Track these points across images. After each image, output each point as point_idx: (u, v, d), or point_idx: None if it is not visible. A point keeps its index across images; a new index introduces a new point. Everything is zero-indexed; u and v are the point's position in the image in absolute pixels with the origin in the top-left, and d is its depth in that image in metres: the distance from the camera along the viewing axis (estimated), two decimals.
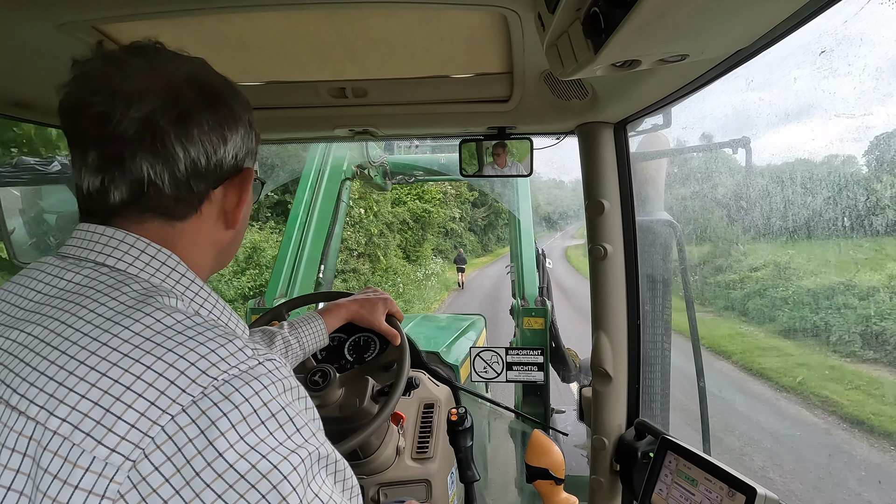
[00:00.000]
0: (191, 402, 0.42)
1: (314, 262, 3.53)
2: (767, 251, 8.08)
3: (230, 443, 0.42)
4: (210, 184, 0.59)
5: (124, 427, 0.41)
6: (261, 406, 0.44)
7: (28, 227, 2.24)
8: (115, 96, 0.52)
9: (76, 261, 0.54)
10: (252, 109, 0.65)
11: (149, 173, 0.54)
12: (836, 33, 2.35)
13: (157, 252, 0.55)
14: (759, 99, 6.97)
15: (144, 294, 0.50)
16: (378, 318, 1.29)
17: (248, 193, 0.64)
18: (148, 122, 0.53)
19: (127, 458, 0.40)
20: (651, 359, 1.51)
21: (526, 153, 1.38)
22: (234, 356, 0.46)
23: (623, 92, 1.06)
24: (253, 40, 0.95)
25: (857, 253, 6.47)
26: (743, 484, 0.96)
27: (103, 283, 0.51)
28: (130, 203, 0.55)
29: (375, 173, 4.16)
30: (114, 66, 0.54)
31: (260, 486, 0.41)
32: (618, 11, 0.53)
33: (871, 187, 5.50)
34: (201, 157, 0.56)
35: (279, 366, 0.48)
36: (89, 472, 0.40)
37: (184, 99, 0.55)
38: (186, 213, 0.58)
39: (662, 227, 1.61)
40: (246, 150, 0.63)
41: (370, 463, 1.40)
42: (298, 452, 0.44)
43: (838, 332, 6.69)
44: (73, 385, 0.43)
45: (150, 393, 0.42)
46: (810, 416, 5.99)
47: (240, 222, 0.64)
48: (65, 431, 0.41)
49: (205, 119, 0.56)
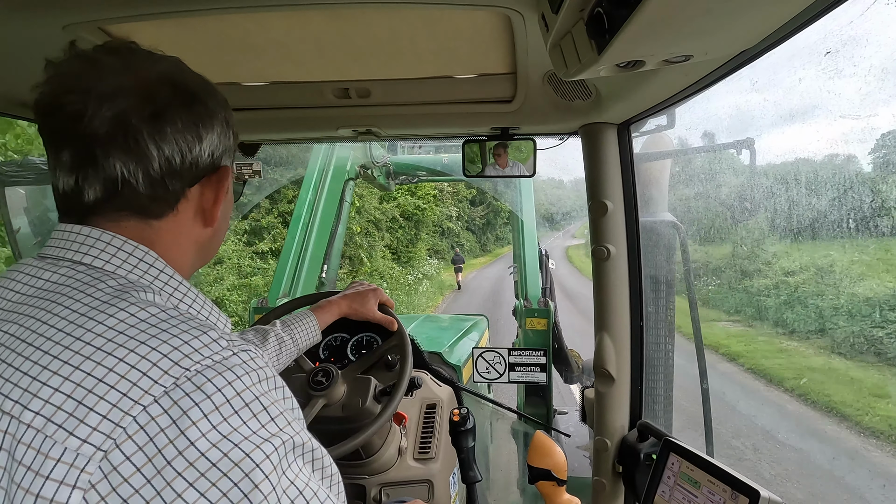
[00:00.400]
0: (163, 392, 0.43)
1: (317, 262, 3.54)
2: (801, 252, 7.14)
3: (202, 432, 0.42)
4: (186, 182, 0.59)
5: (96, 418, 0.41)
6: (234, 395, 0.44)
7: (33, 226, 2.25)
8: (88, 95, 0.52)
9: (54, 260, 0.54)
10: (230, 108, 0.65)
11: (122, 172, 0.54)
12: (841, 34, 2.34)
13: (135, 248, 0.56)
14: (764, 100, 6.90)
15: (120, 289, 0.51)
16: (371, 309, 1.32)
17: (226, 191, 0.64)
18: (120, 121, 0.53)
19: (98, 448, 0.41)
20: (654, 360, 1.51)
21: (529, 154, 1.38)
22: (208, 347, 0.46)
23: (627, 92, 1.06)
24: (257, 41, 0.95)
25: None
26: (746, 486, 0.95)
27: (79, 280, 0.52)
28: (105, 202, 0.55)
29: (379, 173, 4.16)
30: (88, 65, 0.54)
31: (232, 475, 0.42)
32: (622, 12, 0.53)
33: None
34: (175, 156, 0.56)
35: (254, 356, 0.49)
36: (60, 462, 0.40)
37: (157, 97, 0.55)
38: (162, 212, 0.58)
39: (666, 228, 1.60)
40: (223, 148, 0.63)
41: (372, 463, 1.40)
42: (272, 441, 0.44)
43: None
44: (46, 379, 0.43)
45: (122, 384, 0.42)
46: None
47: (218, 220, 0.64)
48: (38, 424, 0.42)
49: (179, 117, 0.56)
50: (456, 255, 20.90)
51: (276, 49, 0.99)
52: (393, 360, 1.41)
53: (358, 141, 1.47)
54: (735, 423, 5.72)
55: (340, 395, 1.25)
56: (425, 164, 4.51)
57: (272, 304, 3.16)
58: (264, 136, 1.45)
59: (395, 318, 1.36)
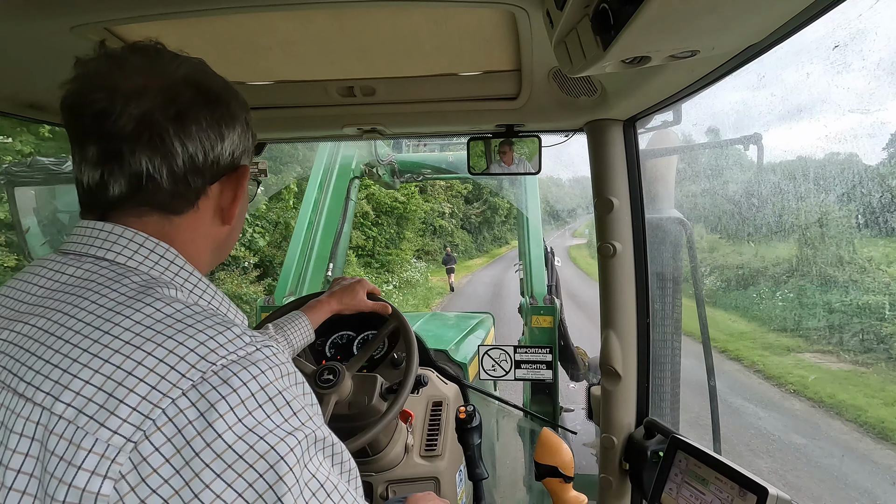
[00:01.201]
0: (191, 385, 0.44)
1: (323, 261, 3.55)
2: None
3: (229, 424, 0.43)
4: (207, 180, 0.60)
5: (126, 410, 0.42)
6: (258, 390, 0.46)
7: (42, 226, 2.28)
8: (115, 93, 0.54)
9: (77, 256, 0.56)
10: (249, 110, 0.66)
11: (147, 168, 0.55)
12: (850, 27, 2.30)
13: (156, 245, 0.57)
14: (772, 95, 6.76)
15: (144, 285, 0.52)
16: (361, 300, 1.33)
17: (244, 190, 0.65)
18: (146, 119, 0.55)
19: (128, 439, 0.42)
20: (661, 357, 1.51)
21: (534, 151, 1.38)
22: (233, 342, 0.48)
23: (632, 89, 1.05)
24: (262, 40, 0.95)
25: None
26: (754, 484, 0.95)
27: (104, 276, 0.53)
28: (129, 197, 0.57)
29: (384, 172, 4.17)
30: (115, 64, 0.56)
31: (258, 466, 0.43)
32: (627, 7, 0.53)
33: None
34: (199, 153, 0.58)
35: (276, 352, 0.50)
36: (92, 453, 0.42)
37: (182, 97, 0.57)
38: (183, 208, 0.60)
39: (672, 224, 1.59)
40: (243, 148, 0.64)
41: (379, 460, 1.41)
42: (295, 434, 0.45)
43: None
44: (76, 371, 0.45)
45: (151, 378, 0.44)
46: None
47: (235, 218, 0.65)
48: (69, 415, 0.43)
49: (202, 117, 0.58)
50: (447, 255, 19.67)
51: (282, 48, 0.99)
52: (399, 357, 1.41)
53: (363, 139, 1.47)
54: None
55: (347, 393, 1.26)
56: (430, 161, 4.50)
57: (279, 302, 3.18)
58: (270, 134, 1.46)
59: (386, 302, 1.37)
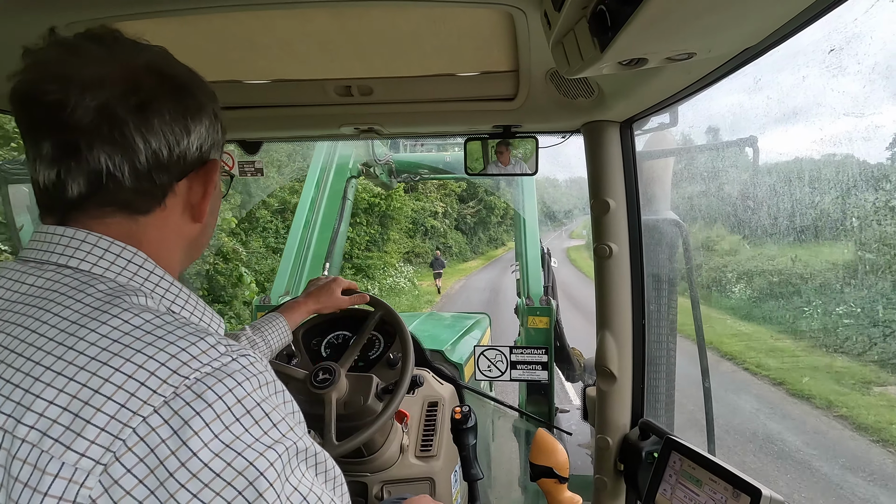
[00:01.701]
0: (162, 402, 0.41)
1: (319, 260, 3.55)
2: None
3: (204, 441, 0.41)
4: (173, 176, 0.56)
5: (94, 431, 0.40)
6: (235, 403, 0.43)
7: (36, 224, 2.26)
8: (70, 83, 0.49)
9: (37, 264, 0.52)
10: (218, 100, 0.62)
11: (107, 165, 0.51)
12: (845, 31, 2.32)
13: (122, 250, 0.53)
14: (768, 98, 6.77)
15: (111, 294, 0.49)
16: (338, 298, 1.34)
17: (215, 185, 0.62)
18: (105, 111, 0.50)
19: (97, 461, 0.40)
20: (656, 359, 1.51)
21: (532, 151, 1.38)
22: (206, 353, 0.45)
23: (629, 90, 1.06)
24: (260, 39, 0.95)
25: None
26: (748, 485, 0.95)
27: (67, 284, 0.49)
28: (89, 197, 0.52)
29: (381, 171, 4.17)
30: (69, 52, 0.51)
31: (236, 483, 0.41)
32: (625, 9, 0.53)
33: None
34: (163, 148, 0.54)
35: (254, 360, 0.47)
36: (59, 478, 0.39)
37: (143, 87, 0.52)
38: (150, 207, 0.56)
39: (668, 226, 1.60)
40: (211, 141, 0.60)
41: (374, 461, 1.40)
42: (275, 448, 0.44)
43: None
44: (39, 391, 0.42)
45: (119, 395, 0.41)
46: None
47: (206, 215, 0.61)
48: (33, 438, 0.41)
49: (166, 108, 0.54)
50: (435, 258, 18.61)
51: (279, 47, 0.99)
52: (395, 358, 1.41)
53: (360, 139, 1.47)
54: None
55: (343, 392, 1.25)
56: (427, 161, 4.51)
57: (274, 301, 3.17)
58: (267, 133, 1.46)
59: (363, 293, 1.39)
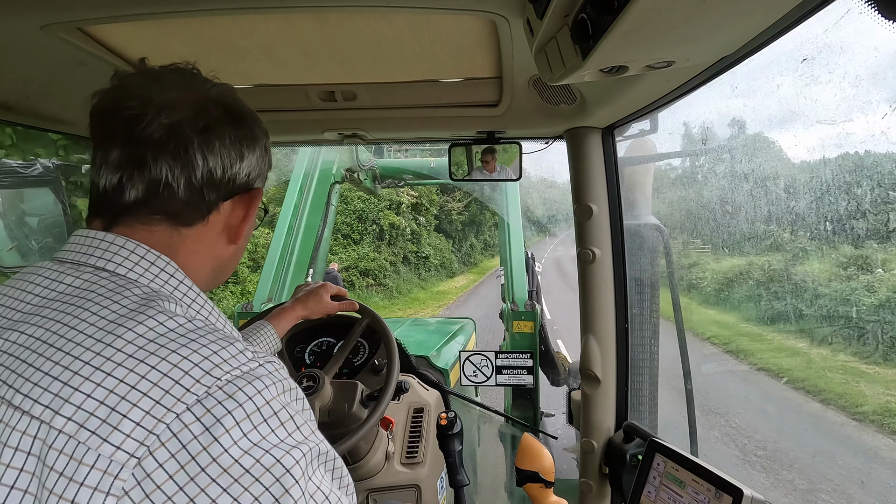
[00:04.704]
0: (195, 400, 0.44)
1: (303, 267, 3.51)
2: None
3: (234, 439, 0.43)
4: (221, 195, 0.62)
5: (129, 425, 0.42)
6: (263, 404, 0.46)
7: (9, 231, 2.19)
8: (149, 103, 0.57)
9: (74, 265, 0.55)
10: (269, 137, 0.69)
11: (167, 175, 0.57)
12: (817, 41, 2.39)
13: (157, 258, 0.57)
14: (744, 105, 6.96)
15: (146, 298, 0.52)
16: (326, 303, 1.33)
17: (254, 212, 0.67)
18: (175, 129, 0.57)
19: (132, 455, 0.41)
20: (639, 361, 1.53)
21: (515, 157, 1.39)
22: (236, 358, 0.48)
23: (610, 97, 1.07)
24: (242, 43, 0.94)
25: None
26: (729, 485, 0.97)
27: (104, 286, 0.52)
28: (143, 203, 0.58)
29: (365, 177, 4.16)
30: (151, 79, 0.59)
31: (264, 480, 0.43)
32: (605, 18, 0.54)
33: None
34: (218, 168, 0.60)
35: (278, 367, 0.50)
36: (94, 469, 0.41)
37: (210, 114, 0.60)
38: (194, 220, 0.61)
39: (650, 231, 1.62)
40: (259, 171, 0.67)
41: (359, 468, 1.39)
42: (300, 447, 0.46)
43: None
44: (77, 384, 0.44)
45: (154, 392, 0.43)
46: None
47: (242, 238, 0.67)
48: (70, 430, 0.42)
49: (227, 134, 0.61)
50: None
51: (262, 51, 0.98)
52: (380, 364, 1.40)
53: (344, 144, 1.47)
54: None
55: (328, 399, 1.24)
56: (412, 167, 4.51)
57: (257, 308, 3.12)
58: None
59: (353, 300, 1.38)
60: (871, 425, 5.19)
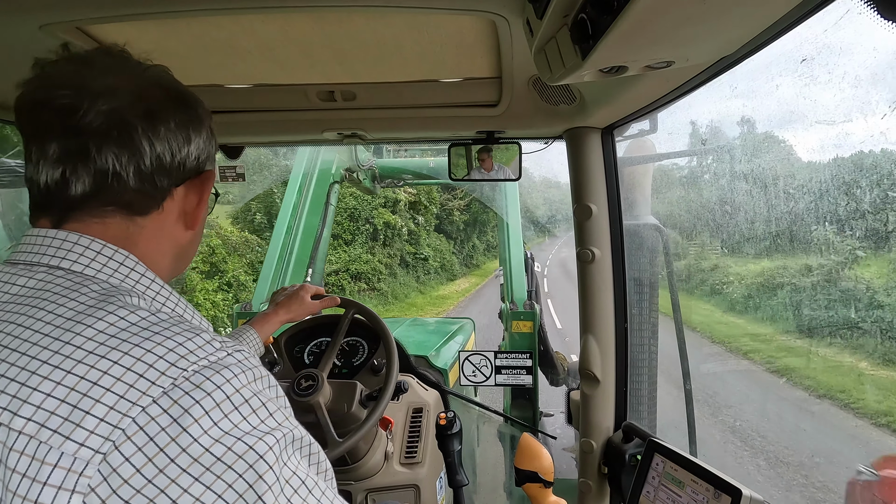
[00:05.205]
0: (161, 393, 0.43)
1: (302, 266, 3.51)
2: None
3: (204, 429, 0.42)
4: (173, 181, 0.60)
5: (93, 421, 0.41)
6: (233, 392, 0.45)
7: (8, 230, 2.19)
8: (83, 90, 0.54)
9: (27, 266, 0.53)
10: (212, 116, 0.66)
11: (114, 164, 0.55)
12: (816, 42, 2.39)
13: (115, 252, 0.55)
14: (743, 105, 6.95)
15: (105, 293, 0.50)
16: (308, 304, 1.34)
17: (208, 195, 0.65)
18: (115, 116, 0.54)
19: (97, 451, 0.41)
20: (638, 361, 1.53)
21: (515, 157, 1.39)
22: (202, 349, 0.47)
23: (610, 97, 1.07)
24: (241, 43, 0.94)
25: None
26: (728, 485, 0.97)
27: (60, 285, 0.51)
28: (92, 196, 0.55)
29: (364, 177, 4.15)
30: (82, 64, 0.56)
31: (236, 467, 0.42)
32: (605, 18, 0.54)
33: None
34: (166, 154, 0.58)
35: (248, 356, 0.50)
36: (57, 468, 0.40)
37: (151, 97, 0.57)
38: (148, 209, 0.59)
39: (649, 231, 1.62)
40: (207, 153, 0.65)
41: (358, 468, 1.39)
42: (273, 434, 0.45)
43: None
44: (36, 384, 0.43)
45: (118, 387, 0.42)
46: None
47: (199, 223, 0.65)
48: (30, 430, 0.41)
49: (171, 118, 0.58)
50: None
51: (261, 51, 0.98)
52: (379, 364, 1.40)
53: (343, 144, 1.47)
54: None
55: (327, 399, 1.24)
56: (411, 167, 4.51)
57: (256, 309, 3.12)
58: (248, 138, 1.44)
59: (333, 296, 1.39)
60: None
